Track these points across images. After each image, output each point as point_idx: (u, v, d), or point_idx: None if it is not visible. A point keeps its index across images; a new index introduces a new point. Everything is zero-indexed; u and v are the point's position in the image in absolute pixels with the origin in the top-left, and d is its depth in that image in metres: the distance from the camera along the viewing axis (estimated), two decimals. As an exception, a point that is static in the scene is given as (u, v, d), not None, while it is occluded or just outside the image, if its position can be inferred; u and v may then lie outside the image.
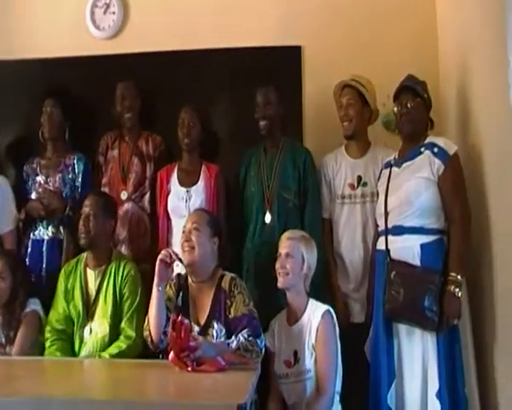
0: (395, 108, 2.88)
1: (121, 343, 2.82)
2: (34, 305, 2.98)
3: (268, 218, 3.19)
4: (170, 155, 3.51)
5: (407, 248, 2.71)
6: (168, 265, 2.62)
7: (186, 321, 2.39)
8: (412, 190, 2.73)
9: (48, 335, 2.92)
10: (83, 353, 2.89)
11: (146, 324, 2.67)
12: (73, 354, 2.91)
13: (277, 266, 2.78)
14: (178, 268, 2.76)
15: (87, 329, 2.91)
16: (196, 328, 2.64)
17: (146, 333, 2.65)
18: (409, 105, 2.82)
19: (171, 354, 2.37)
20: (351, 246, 3.16)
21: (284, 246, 2.79)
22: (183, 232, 2.78)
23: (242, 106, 3.45)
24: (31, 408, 2.01)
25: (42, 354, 2.86)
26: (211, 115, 3.57)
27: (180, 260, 2.67)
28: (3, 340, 2.92)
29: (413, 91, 2.82)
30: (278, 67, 3.65)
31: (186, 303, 2.73)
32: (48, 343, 2.89)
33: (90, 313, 2.93)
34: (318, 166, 3.29)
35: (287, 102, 3.40)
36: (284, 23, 3.72)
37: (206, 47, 3.72)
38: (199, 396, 2.13)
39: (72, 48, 3.78)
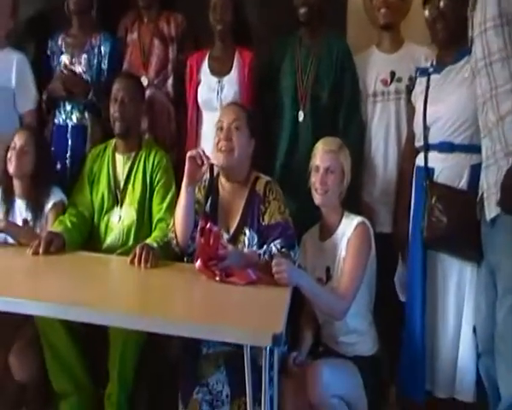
0: (426, 13, 2.60)
1: (166, 232, 2.60)
2: (58, 194, 2.84)
3: (301, 116, 2.98)
4: (195, 36, 3.27)
5: (455, 169, 2.50)
6: (199, 166, 2.42)
7: (215, 228, 2.26)
8: (467, 98, 2.44)
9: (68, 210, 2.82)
10: (108, 239, 2.81)
11: (171, 225, 2.53)
12: (92, 240, 2.83)
13: (315, 180, 2.58)
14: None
15: (115, 215, 2.82)
16: (226, 235, 2.52)
17: (171, 235, 2.52)
18: (442, 6, 2.53)
19: (199, 262, 2.26)
20: (384, 146, 2.99)
21: (323, 160, 2.57)
22: (220, 128, 2.57)
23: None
24: (50, 312, 1.99)
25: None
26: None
27: (212, 165, 2.49)
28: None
29: None
30: None
31: (215, 208, 2.59)
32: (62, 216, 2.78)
33: (119, 200, 2.83)
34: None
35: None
36: None
37: None
38: (230, 318, 1.98)
39: None
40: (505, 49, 2.08)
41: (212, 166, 2.53)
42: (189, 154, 2.44)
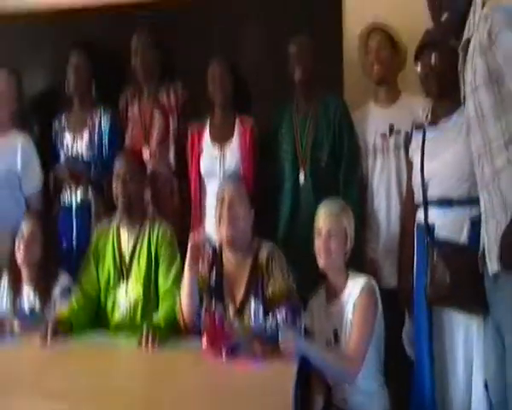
0: (418, 69, 2.64)
1: (172, 307, 2.63)
2: (65, 278, 2.85)
3: (302, 178, 3.01)
4: (195, 106, 3.29)
5: (455, 223, 2.49)
6: (201, 252, 2.49)
7: (220, 311, 2.31)
8: (462, 153, 2.44)
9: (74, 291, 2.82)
10: (116, 316, 2.81)
11: (178, 304, 2.56)
12: (99, 317, 2.84)
13: (318, 244, 2.58)
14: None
15: (122, 291, 2.82)
16: (232, 307, 2.53)
17: (179, 316, 2.55)
18: (433, 62, 2.57)
19: (205, 342, 2.29)
20: (386, 201, 3.01)
21: (325, 223, 2.57)
22: (221, 201, 2.61)
23: (279, 51, 3.12)
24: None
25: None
26: (242, 64, 3.30)
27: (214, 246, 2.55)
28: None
29: (435, 46, 2.55)
30: (316, 6, 3.34)
31: (220, 281, 2.60)
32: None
33: (125, 275, 2.84)
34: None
35: (324, 46, 3.17)
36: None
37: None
38: (235, 407, 1.97)
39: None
40: (496, 106, 2.10)
41: (214, 247, 2.58)
42: (190, 243, 2.48)
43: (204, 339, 2.29)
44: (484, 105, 2.13)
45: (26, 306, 2.80)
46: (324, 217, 2.59)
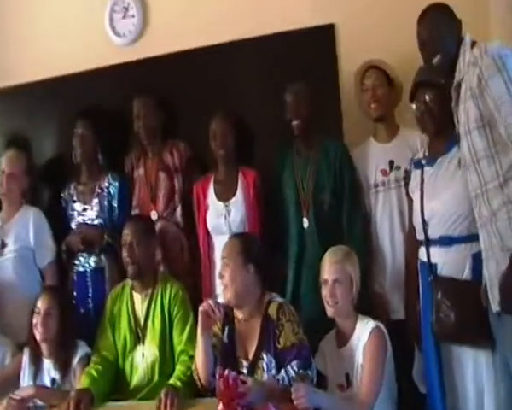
0: (413, 108, 2.70)
1: (188, 365, 2.68)
2: (84, 348, 2.88)
3: (306, 223, 3.04)
4: (199, 162, 3.36)
5: (457, 260, 2.52)
6: (212, 317, 2.52)
7: (232, 373, 2.31)
8: (460, 191, 2.48)
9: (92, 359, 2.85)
10: (134, 379, 2.85)
11: (194, 367, 2.61)
12: (118, 382, 2.87)
13: (325, 294, 2.63)
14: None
15: (139, 354, 2.86)
16: (245, 363, 2.57)
17: (195, 377, 2.59)
18: (427, 100, 2.62)
19: (220, 406, 2.30)
20: (390, 235, 3.03)
21: (330, 272, 2.62)
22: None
23: (277, 99, 3.16)
24: None
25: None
26: (243, 115, 3.35)
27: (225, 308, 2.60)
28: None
29: (429, 85, 2.61)
30: (310, 50, 3.40)
31: (232, 338, 2.64)
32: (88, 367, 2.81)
33: (141, 338, 2.87)
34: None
35: (321, 90, 3.21)
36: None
37: (231, 39, 3.48)
38: None
39: (94, 60, 3.64)
40: (489, 147, 2.17)
41: (225, 306, 2.62)
42: (200, 309, 2.52)
43: (220, 402, 2.31)
44: (477, 147, 2.20)
45: (47, 380, 2.84)
46: (329, 265, 2.64)
